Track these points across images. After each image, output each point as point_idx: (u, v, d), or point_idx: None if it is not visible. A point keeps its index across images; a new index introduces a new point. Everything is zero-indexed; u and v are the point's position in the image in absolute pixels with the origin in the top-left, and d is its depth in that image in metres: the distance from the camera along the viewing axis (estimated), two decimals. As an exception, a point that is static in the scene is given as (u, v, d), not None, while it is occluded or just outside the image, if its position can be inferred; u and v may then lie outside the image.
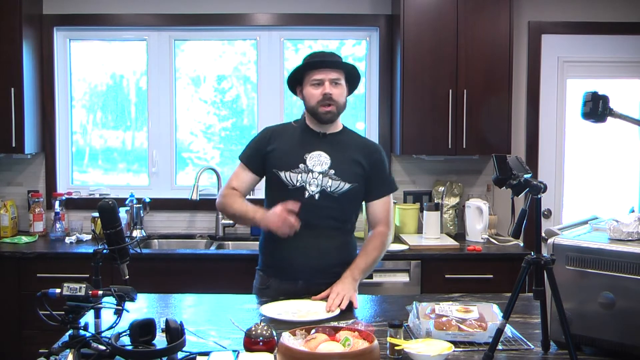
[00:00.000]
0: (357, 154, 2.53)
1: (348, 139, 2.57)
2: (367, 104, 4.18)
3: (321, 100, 2.44)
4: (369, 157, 2.54)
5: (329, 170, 2.46)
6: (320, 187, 2.44)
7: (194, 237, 4.03)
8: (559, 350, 1.86)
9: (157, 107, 4.16)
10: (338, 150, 2.50)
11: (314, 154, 2.48)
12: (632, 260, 1.73)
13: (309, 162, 2.47)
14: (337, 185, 2.45)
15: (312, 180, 2.45)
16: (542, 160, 4.15)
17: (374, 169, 2.54)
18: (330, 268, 2.47)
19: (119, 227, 2.00)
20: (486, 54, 3.72)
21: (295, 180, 2.45)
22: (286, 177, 2.46)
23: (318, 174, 2.45)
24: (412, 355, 1.75)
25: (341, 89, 2.48)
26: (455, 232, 3.95)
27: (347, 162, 2.50)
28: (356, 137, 2.62)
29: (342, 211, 2.50)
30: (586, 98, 1.88)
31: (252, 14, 4.05)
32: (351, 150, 2.53)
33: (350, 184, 2.47)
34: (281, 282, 2.50)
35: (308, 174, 2.45)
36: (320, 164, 2.47)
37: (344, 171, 2.47)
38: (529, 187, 1.79)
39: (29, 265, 3.44)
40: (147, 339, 1.75)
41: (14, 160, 4.05)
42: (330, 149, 2.50)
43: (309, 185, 2.44)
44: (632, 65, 4.14)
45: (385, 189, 2.57)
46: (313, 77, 2.45)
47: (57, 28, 4.06)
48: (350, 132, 2.62)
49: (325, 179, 2.45)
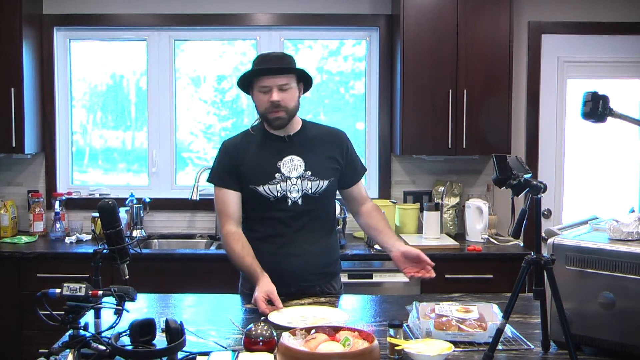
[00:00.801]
0: (328, 148, 2.51)
1: (313, 134, 2.52)
2: (367, 104, 4.18)
3: (269, 107, 2.38)
4: (340, 147, 2.53)
5: (305, 172, 2.44)
6: (302, 192, 2.43)
7: (194, 237, 4.03)
8: (559, 350, 1.86)
9: (157, 107, 4.16)
10: (309, 150, 2.47)
11: (286, 159, 2.44)
12: (632, 260, 1.73)
13: (283, 169, 2.43)
14: (316, 185, 2.44)
15: (292, 187, 2.42)
16: (542, 160, 4.15)
17: (348, 157, 2.55)
18: (320, 269, 2.50)
19: (119, 227, 2.00)
20: (486, 54, 3.72)
21: (276, 192, 2.41)
22: (266, 191, 2.41)
23: (296, 179, 2.43)
24: (412, 355, 1.75)
25: (291, 93, 2.39)
26: (455, 232, 3.95)
27: (321, 159, 2.48)
28: (320, 129, 2.58)
29: (325, 210, 2.52)
30: (586, 98, 1.88)
31: (252, 14, 4.06)
32: (320, 146, 2.50)
33: (327, 180, 2.47)
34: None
35: (286, 182, 2.42)
36: (295, 168, 2.44)
37: (320, 169, 2.46)
38: (529, 187, 1.79)
39: (29, 265, 3.45)
40: (147, 339, 1.74)
41: (14, 160, 4.05)
42: (300, 150, 2.46)
43: (289, 192, 2.42)
44: (632, 65, 4.14)
45: (360, 172, 2.62)
46: (260, 83, 2.37)
47: (57, 28, 4.06)
48: (311, 126, 2.56)
49: (304, 182, 2.43)
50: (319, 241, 2.50)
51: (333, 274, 2.57)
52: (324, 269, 2.51)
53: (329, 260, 2.54)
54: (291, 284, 2.43)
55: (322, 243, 2.51)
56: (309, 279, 2.47)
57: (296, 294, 2.43)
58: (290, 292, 2.43)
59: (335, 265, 2.58)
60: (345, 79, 4.24)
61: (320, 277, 2.50)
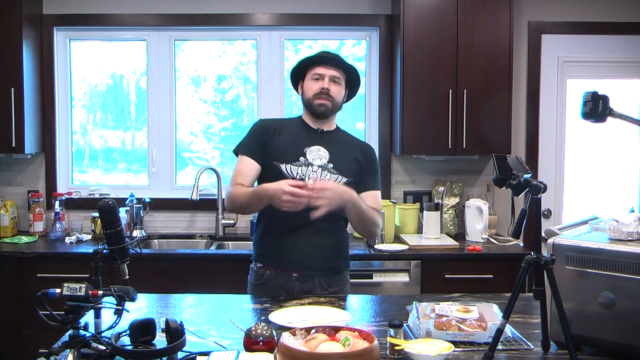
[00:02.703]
0: (354, 151, 2.61)
1: (344, 137, 2.68)
2: (367, 104, 4.18)
3: (318, 93, 2.52)
4: (364, 154, 2.64)
5: (328, 164, 2.52)
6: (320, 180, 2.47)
7: (194, 237, 4.03)
8: (559, 350, 1.86)
9: (157, 107, 4.16)
10: (335, 146, 2.57)
11: (314, 148, 2.54)
12: (632, 260, 1.72)
13: (308, 155, 2.52)
14: (335, 178, 2.50)
15: (312, 174, 2.49)
16: (542, 160, 4.15)
17: (368, 164, 2.63)
18: (325, 262, 2.53)
19: (119, 227, 2.00)
20: (486, 54, 3.72)
21: (296, 173, 2.49)
22: (287, 170, 2.49)
23: (317, 167, 2.51)
24: (412, 355, 1.75)
25: (339, 88, 2.57)
26: (455, 232, 3.95)
27: (345, 157, 2.56)
28: (351, 137, 2.72)
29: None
30: (586, 98, 1.88)
31: (252, 14, 4.06)
32: (348, 147, 2.61)
33: (347, 178, 2.52)
34: (276, 274, 2.52)
35: (308, 167, 2.50)
36: (319, 157, 2.53)
37: (342, 165, 2.53)
38: (529, 187, 1.79)
39: (29, 265, 3.44)
40: (147, 339, 1.74)
41: (14, 160, 4.05)
42: (328, 144, 2.57)
43: (308, 178, 2.47)
44: (632, 65, 4.15)
45: (375, 182, 2.65)
46: (314, 71, 2.54)
47: (57, 28, 4.06)
48: (344, 132, 2.72)
49: (324, 172, 2.51)
50: (329, 234, 2.54)
51: (337, 270, 2.59)
52: (329, 263, 2.55)
53: (336, 255, 2.57)
54: (294, 268, 2.50)
55: (332, 237, 2.56)
56: (313, 267, 2.51)
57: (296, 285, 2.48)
58: (291, 282, 2.49)
59: (341, 262, 2.61)
60: (345, 79, 4.23)
61: (323, 269, 2.53)
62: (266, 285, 2.54)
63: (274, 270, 2.53)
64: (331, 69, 2.53)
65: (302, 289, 2.50)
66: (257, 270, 2.59)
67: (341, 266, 2.62)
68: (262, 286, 2.55)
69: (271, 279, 2.53)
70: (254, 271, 2.61)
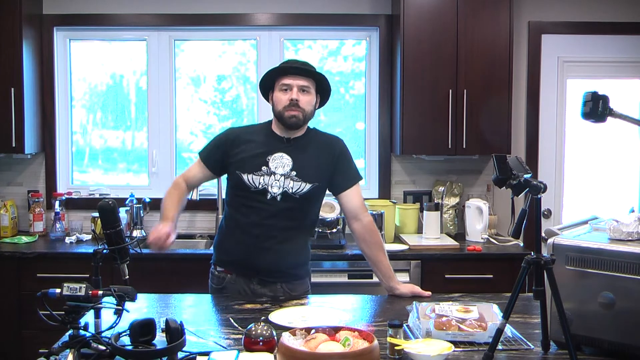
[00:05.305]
0: (320, 154, 2.56)
1: (311, 140, 2.59)
2: (367, 104, 4.18)
3: (287, 105, 2.46)
4: (332, 152, 2.58)
5: (291, 172, 2.49)
6: (282, 189, 2.47)
7: (194, 237, 4.03)
8: (559, 350, 1.86)
9: (157, 107, 4.16)
10: (300, 152, 2.53)
11: (276, 155, 2.51)
12: (632, 260, 1.73)
13: (271, 164, 2.49)
14: (298, 186, 2.48)
15: (274, 183, 2.47)
16: (542, 160, 4.15)
17: (338, 161, 2.57)
18: (287, 269, 2.53)
19: (119, 227, 2.00)
20: (486, 54, 3.72)
21: (257, 183, 2.47)
22: (248, 180, 2.48)
23: (280, 176, 2.48)
24: (412, 355, 1.75)
25: (309, 97, 2.50)
26: (455, 232, 3.95)
27: (309, 162, 2.52)
28: (319, 135, 2.64)
29: (303, 212, 2.54)
30: (586, 98, 1.88)
31: (252, 14, 4.06)
32: (313, 150, 2.56)
33: (311, 184, 2.49)
34: (237, 278, 2.52)
35: (270, 176, 2.48)
36: (282, 165, 2.49)
37: (306, 172, 2.50)
38: (529, 187, 1.79)
39: (29, 265, 3.45)
40: (147, 339, 1.74)
41: (14, 160, 4.05)
42: (292, 151, 2.52)
43: (270, 187, 2.47)
44: (632, 65, 4.14)
45: (352, 176, 2.60)
46: (282, 82, 2.49)
47: (57, 28, 4.06)
48: (313, 132, 2.63)
49: (287, 180, 2.48)
50: (291, 241, 2.53)
51: (297, 277, 2.57)
52: (290, 270, 2.55)
53: (296, 262, 2.56)
54: (254, 276, 2.51)
55: (293, 244, 2.54)
56: (273, 275, 2.51)
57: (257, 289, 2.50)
58: (252, 286, 2.51)
59: (301, 269, 2.60)
60: (345, 79, 4.24)
61: (284, 276, 2.53)
62: (227, 290, 2.54)
63: (234, 275, 2.54)
64: (298, 78, 2.47)
65: (264, 293, 2.50)
66: (217, 275, 2.59)
67: (302, 274, 2.60)
68: (223, 290, 2.55)
69: (232, 283, 2.54)
70: (214, 275, 2.61)
